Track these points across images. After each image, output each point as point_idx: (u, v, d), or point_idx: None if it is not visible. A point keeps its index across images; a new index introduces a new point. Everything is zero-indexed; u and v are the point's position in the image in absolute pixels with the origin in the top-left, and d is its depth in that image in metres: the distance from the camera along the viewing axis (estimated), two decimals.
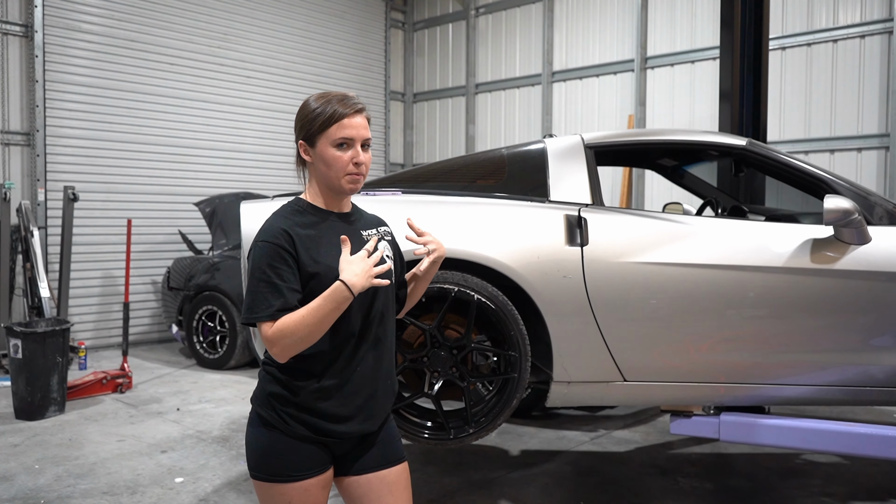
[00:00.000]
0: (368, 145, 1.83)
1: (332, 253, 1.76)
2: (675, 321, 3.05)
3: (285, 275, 1.72)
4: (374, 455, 1.90)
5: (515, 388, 3.02)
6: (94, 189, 7.65)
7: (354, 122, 1.79)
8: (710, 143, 3.57)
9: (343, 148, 1.79)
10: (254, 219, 3.24)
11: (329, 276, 1.72)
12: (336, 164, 1.78)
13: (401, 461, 1.94)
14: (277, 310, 1.68)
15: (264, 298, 1.70)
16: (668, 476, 3.97)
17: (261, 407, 1.83)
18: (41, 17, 7.21)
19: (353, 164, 1.78)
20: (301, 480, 1.79)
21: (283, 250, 1.73)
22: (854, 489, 3.78)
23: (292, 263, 1.74)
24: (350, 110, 1.80)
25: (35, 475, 3.92)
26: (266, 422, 1.81)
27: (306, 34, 9.73)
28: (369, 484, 1.88)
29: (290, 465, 1.79)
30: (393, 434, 1.96)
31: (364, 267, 1.67)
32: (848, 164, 7.26)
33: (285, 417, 1.79)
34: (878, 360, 3.06)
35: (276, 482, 1.79)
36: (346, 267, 1.67)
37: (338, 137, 1.78)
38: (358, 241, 1.83)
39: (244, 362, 6.70)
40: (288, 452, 1.79)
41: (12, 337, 5.01)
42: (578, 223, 3.08)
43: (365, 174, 1.83)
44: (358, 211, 1.97)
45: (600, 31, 9.14)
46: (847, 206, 2.88)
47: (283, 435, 1.79)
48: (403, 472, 1.94)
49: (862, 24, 7.16)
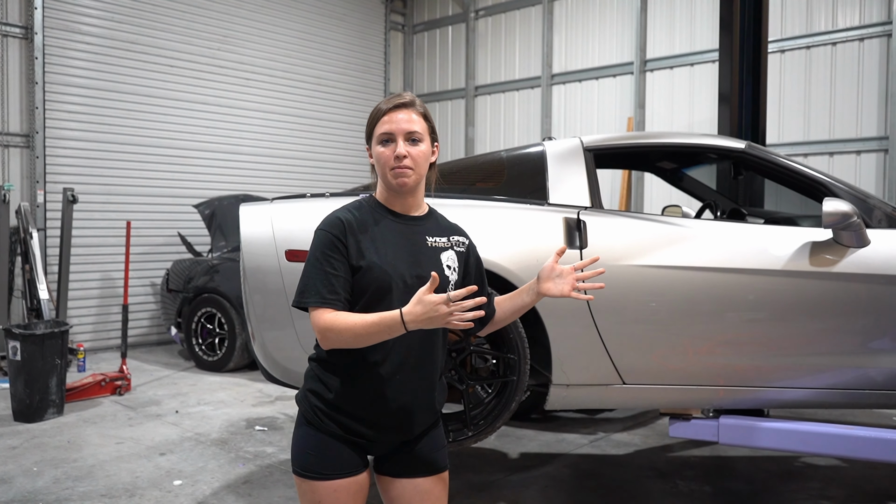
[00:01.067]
0: (416, 139, 1.81)
1: (381, 251, 1.78)
2: (674, 324, 3.05)
3: (336, 264, 1.77)
4: (413, 461, 1.90)
5: (514, 390, 3.02)
6: (94, 191, 7.65)
7: (394, 117, 1.81)
8: (709, 145, 3.57)
9: (386, 144, 1.81)
10: (253, 221, 3.24)
11: (372, 273, 1.75)
12: (381, 159, 1.82)
13: (438, 472, 1.93)
14: (326, 298, 1.74)
15: (314, 285, 1.76)
16: (667, 479, 3.97)
17: (300, 403, 1.90)
18: (41, 18, 7.21)
19: (395, 157, 1.79)
20: (330, 480, 1.81)
21: (336, 239, 1.78)
22: (853, 492, 3.78)
23: (344, 252, 1.78)
24: (389, 105, 1.83)
25: (33, 477, 3.92)
26: (305, 418, 1.87)
27: (306, 36, 9.74)
28: (403, 488, 1.89)
29: (320, 464, 1.82)
30: (436, 444, 1.94)
31: (428, 312, 1.61)
32: (847, 166, 7.27)
33: (319, 415, 1.83)
34: (876, 362, 3.06)
35: (308, 478, 1.83)
36: (416, 303, 1.63)
37: (380, 134, 1.82)
38: (420, 246, 1.83)
39: (243, 364, 6.70)
40: (320, 450, 1.83)
41: (11, 339, 5.01)
42: (577, 226, 3.08)
43: (413, 167, 1.80)
44: (433, 216, 1.95)
45: (599, 34, 9.15)
46: (846, 209, 2.88)
47: (318, 432, 1.83)
48: (438, 483, 1.92)
49: (861, 26, 7.17)
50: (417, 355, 1.83)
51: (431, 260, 1.83)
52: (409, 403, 1.84)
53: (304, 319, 3.07)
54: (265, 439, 4.61)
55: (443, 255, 1.87)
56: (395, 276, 1.77)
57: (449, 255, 1.88)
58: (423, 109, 1.86)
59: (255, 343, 3.29)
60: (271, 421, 5.05)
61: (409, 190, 1.83)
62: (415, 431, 1.88)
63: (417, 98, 1.87)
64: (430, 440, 1.93)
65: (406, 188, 1.82)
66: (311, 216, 3.27)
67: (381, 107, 1.84)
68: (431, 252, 1.85)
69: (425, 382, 1.87)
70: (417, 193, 1.88)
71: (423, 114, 1.85)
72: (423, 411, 1.87)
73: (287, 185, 9.29)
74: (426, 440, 1.92)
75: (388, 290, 1.76)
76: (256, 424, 4.96)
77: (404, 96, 1.85)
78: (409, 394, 1.83)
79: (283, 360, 3.22)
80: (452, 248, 1.90)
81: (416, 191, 1.86)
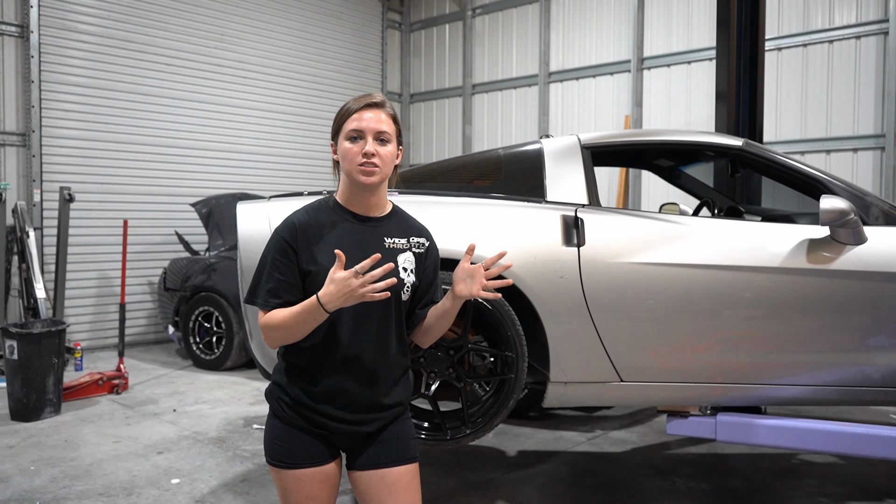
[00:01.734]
0: (385, 139, 1.84)
1: (332, 255, 1.76)
2: (671, 321, 3.05)
3: (283, 268, 1.81)
4: (378, 452, 1.91)
5: (512, 388, 3.01)
6: (90, 190, 7.63)
7: (365, 115, 1.83)
8: (707, 143, 3.57)
9: (354, 140, 1.83)
10: (250, 219, 3.24)
11: (322, 277, 1.75)
12: (348, 155, 1.83)
13: (406, 462, 1.93)
14: (269, 301, 1.81)
15: (261, 288, 1.83)
16: (664, 476, 3.97)
17: (268, 396, 1.96)
18: (37, 17, 7.19)
19: (363, 154, 1.80)
20: (294, 469, 1.87)
21: (287, 245, 1.82)
22: (850, 489, 3.79)
23: (293, 258, 1.81)
24: (360, 104, 1.85)
25: (31, 477, 3.91)
26: (272, 411, 1.93)
27: (303, 35, 9.73)
28: (370, 480, 1.90)
29: (285, 453, 1.88)
30: (403, 434, 1.95)
31: (341, 289, 1.66)
32: (844, 164, 7.28)
33: (284, 408, 1.88)
34: (874, 359, 3.07)
35: (275, 466, 1.90)
36: (328, 283, 1.69)
37: (349, 130, 1.84)
38: (377, 249, 1.83)
39: (241, 363, 6.69)
40: (286, 440, 1.88)
41: (8, 338, 5.00)
42: (575, 224, 3.08)
43: (380, 166, 1.82)
44: (396, 216, 1.95)
45: (597, 32, 9.15)
46: (843, 206, 2.88)
47: (284, 423, 1.88)
48: (407, 474, 1.92)
49: (858, 24, 7.18)
50: (372, 351, 1.86)
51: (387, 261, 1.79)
52: (366, 397, 1.86)
53: None
54: (263, 438, 4.60)
55: (400, 257, 1.88)
56: None
57: (406, 256, 1.90)
58: (393, 112, 1.90)
59: (253, 341, 3.29)
60: None
61: (372, 188, 1.85)
62: (375, 425, 1.90)
63: (387, 100, 1.90)
64: (397, 431, 1.94)
65: (371, 186, 1.84)
66: None
67: (351, 105, 1.86)
68: (388, 254, 1.86)
69: (383, 377, 1.89)
70: (380, 193, 1.89)
71: (393, 116, 1.88)
72: (379, 408, 1.89)
73: (284, 183, 9.28)
74: (392, 431, 1.93)
75: None
76: (254, 423, 4.95)
77: (375, 96, 1.88)
78: (366, 388, 1.86)
79: None
80: (411, 249, 1.91)
81: (378, 190, 1.88)
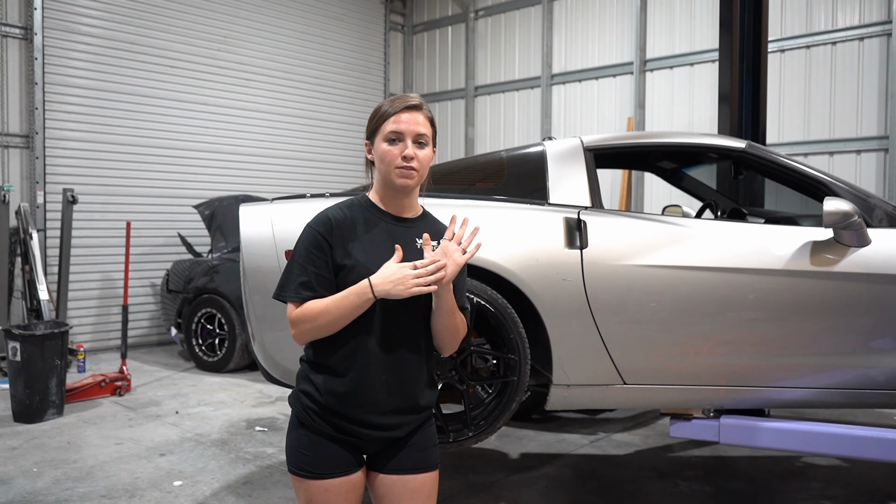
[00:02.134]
0: (423, 142, 1.83)
1: (368, 251, 1.80)
2: (674, 324, 3.04)
3: (318, 261, 1.80)
4: (404, 458, 1.89)
5: (515, 391, 3.01)
6: (93, 191, 7.65)
7: (403, 117, 1.82)
8: (710, 145, 3.57)
9: (393, 143, 1.82)
10: (253, 222, 3.24)
11: (356, 272, 1.77)
12: (386, 157, 1.82)
13: (429, 469, 1.92)
14: (302, 294, 1.77)
15: (293, 281, 1.80)
16: (667, 479, 3.96)
17: (293, 404, 1.91)
18: (40, 19, 7.21)
19: (402, 157, 1.80)
20: (321, 479, 1.83)
21: (322, 237, 1.81)
22: (854, 492, 3.77)
23: (327, 251, 1.80)
24: (401, 106, 1.84)
25: (33, 478, 3.91)
26: (297, 419, 1.88)
27: (305, 37, 9.73)
28: (392, 485, 1.89)
29: (312, 462, 1.84)
30: (428, 441, 1.94)
31: (396, 274, 1.70)
32: (847, 166, 7.26)
33: (312, 415, 1.84)
34: (877, 362, 3.06)
35: (300, 476, 1.84)
36: (382, 269, 1.72)
37: (388, 132, 1.82)
38: (408, 248, 1.83)
39: (243, 365, 6.69)
40: (312, 449, 1.84)
41: (11, 339, 5.01)
42: (578, 226, 3.07)
43: (418, 169, 1.82)
44: (426, 219, 1.95)
45: (599, 34, 9.15)
46: (847, 208, 2.87)
47: (310, 432, 1.85)
48: (429, 481, 1.92)
49: (861, 26, 7.17)
50: (403, 353, 1.84)
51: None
52: (396, 402, 1.85)
53: None
54: (265, 440, 4.60)
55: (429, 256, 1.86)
56: None
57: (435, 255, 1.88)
58: (430, 114, 1.89)
59: (255, 344, 3.29)
60: (271, 422, 5.04)
61: (408, 191, 1.85)
62: (405, 429, 1.89)
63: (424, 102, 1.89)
64: (422, 438, 1.93)
65: (408, 189, 1.84)
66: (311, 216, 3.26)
67: (390, 106, 1.84)
68: (419, 254, 1.85)
69: (414, 379, 1.87)
70: (413, 195, 1.90)
71: (430, 118, 1.88)
72: (411, 410, 1.88)
73: (287, 185, 9.29)
74: (417, 437, 1.92)
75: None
76: (256, 425, 4.95)
77: (413, 98, 1.86)
78: (396, 393, 1.84)
79: (283, 361, 3.21)
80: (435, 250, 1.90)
81: (412, 192, 1.88)
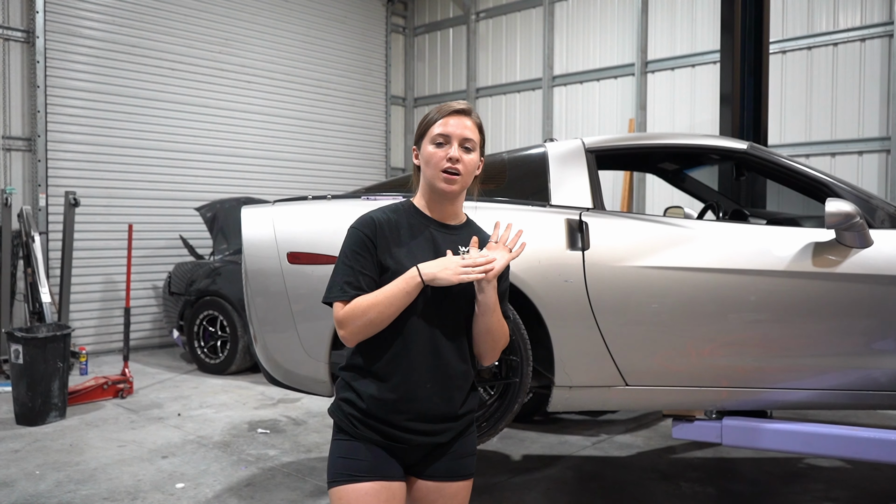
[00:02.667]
0: (470, 147, 1.83)
1: (411, 254, 1.80)
2: (676, 325, 3.04)
3: (363, 261, 1.80)
4: (442, 465, 1.89)
5: (517, 392, 3.01)
6: (95, 194, 7.66)
7: (451, 121, 1.83)
8: (711, 146, 3.57)
9: (440, 146, 1.82)
10: (254, 224, 3.24)
11: (398, 275, 1.77)
12: (432, 159, 1.82)
13: (466, 478, 1.93)
14: (348, 292, 1.77)
15: (339, 281, 1.80)
16: (670, 481, 3.96)
17: (333, 413, 1.90)
18: (42, 22, 7.23)
19: (448, 160, 1.80)
20: (359, 483, 1.79)
21: (366, 238, 1.81)
22: (856, 493, 3.77)
23: (372, 251, 1.81)
24: (448, 110, 1.85)
25: (36, 481, 3.92)
26: (339, 428, 1.87)
27: (307, 39, 9.74)
28: (427, 490, 1.88)
29: (350, 466, 1.81)
30: (467, 450, 1.93)
31: (444, 261, 1.72)
32: (849, 167, 7.26)
33: (355, 422, 1.83)
34: (880, 363, 3.05)
35: (340, 484, 1.81)
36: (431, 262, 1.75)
37: (435, 135, 1.83)
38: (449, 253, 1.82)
39: (245, 367, 6.70)
40: (352, 453, 1.82)
41: (13, 342, 5.01)
42: (580, 227, 3.07)
43: (462, 174, 1.81)
44: (469, 226, 1.94)
45: (601, 36, 9.15)
46: (849, 209, 2.87)
47: (352, 438, 1.83)
48: (463, 489, 1.93)
49: (862, 27, 7.16)
50: (447, 357, 1.83)
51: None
52: (440, 408, 1.83)
53: (307, 322, 3.09)
54: (267, 442, 4.60)
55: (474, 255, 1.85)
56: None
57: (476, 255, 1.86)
58: (479, 120, 1.89)
59: (257, 345, 3.29)
60: (274, 424, 5.04)
61: (451, 196, 1.84)
62: (449, 435, 1.88)
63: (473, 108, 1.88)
64: (462, 445, 1.92)
65: (451, 194, 1.83)
66: (312, 219, 3.27)
67: (438, 112, 1.86)
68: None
69: (457, 384, 1.86)
70: (457, 202, 1.89)
71: (479, 125, 1.88)
72: (453, 416, 1.87)
73: (289, 187, 9.29)
74: (458, 445, 1.91)
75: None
76: (259, 427, 4.95)
77: (462, 104, 1.87)
78: (442, 395, 1.83)
79: (285, 363, 3.22)
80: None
81: (456, 199, 1.88)
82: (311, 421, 5.10)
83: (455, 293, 1.81)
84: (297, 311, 3.11)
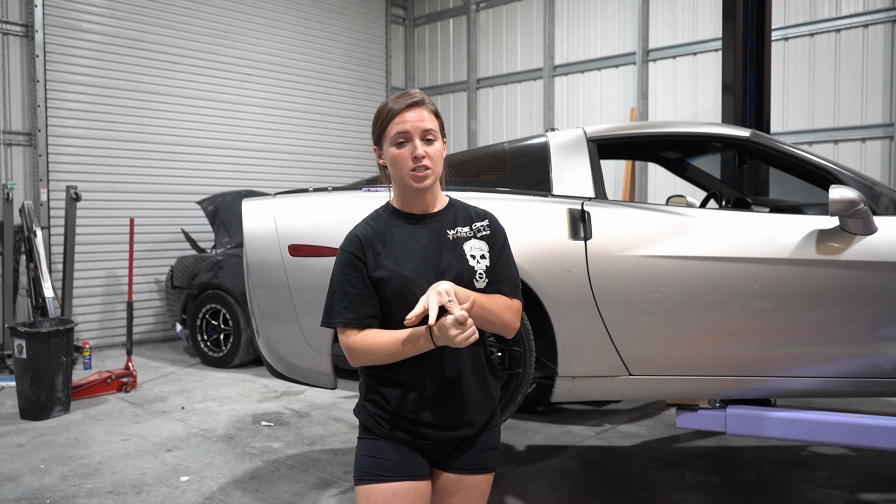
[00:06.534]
0: (432, 138, 1.78)
1: (401, 259, 1.77)
2: (679, 314, 3.03)
3: (355, 281, 1.78)
4: (466, 458, 1.88)
5: (520, 383, 3.01)
6: (97, 188, 7.65)
7: (407, 116, 1.76)
8: (714, 134, 3.55)
9: (401, 145, 1.77)
10: (255, 217, 3.23)
11: (393, 282, 1.75)
12: (398, 162, 1.77)
13: (488, 472, 1.92)
14: (347, 317, 1.77)
15: (337, 306, 1.79)
16: (674, 470, 3.96)
17: (359, 414, 1.89)
18: (41, 16, 7.20)
19: (413, 159, 1.75)
20: (388, 482, 1.79)
21: (354, 257, 1.80)
22: (861, 481, 3.77)
23: (363, 269, 1.79)
24: (401, 105, 1.77)
25: (40, 475, 3.93)
26: (365, 428, 1.87)
27: (307, 31, 9.71)
28: (448, 481, 1.88)
29: (378, 465, 1.80)
30: (491, 443, 1.92)
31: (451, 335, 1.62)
32: (852, 154, 7.23)
33: (381, 422, 1.82)
34: (884, 350, 3.04)
35: (367, 483, 1.81)
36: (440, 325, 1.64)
37: (394, 135, 1.77)
38: (442, 242, 1.81)
39: (248, 360, 6.71)
40: (380, 452, 1.82)
41: (16, 337, 5.02)
42: (582, 217, 3.06)
43: (431, 166, 1.76)
44: (451, 208, 1.89)
45: (602, 25, 9.11)
46: (852, 196, 2.85)
47: (379, 438, 1.83)
48: (484, 482, 1.92)
49: (865, 13, 7.12)
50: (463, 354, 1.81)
51: (454, 254, 1.80)
52: (464, 396, 1.82)
53: (309, 315, 3.09)
54: (271, 434, 4.61)
55: (466, 245, 1.83)
56: (419, 281, 1.75)
57: (472, 243, 1.84)
58: (434, 107, 1.83)
59: (260, 339, 3.29)
60: (277, 416, 5.05)
61: (427, 190, 1.81)
62: (477, 423, 1.87)
63: (426, 95, 1.83)
64: (486, 439, 1.91)
65: (426, 189, 1.80)
66: (313, 211, 3.26)
67: (392, 106, 1.78)
68: (453, 245, 1.82)
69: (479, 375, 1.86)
70: (434, 190, 1.86)
71: (434, 111, 1.82)
72: (480, 399, 1.86)
73: (289, 179, 9.28)
74: (483, 438, 1.90)
75: (414, 296, 1.72)
76: (262, 420, 4.96)
77: (414, 94, 1.80)
78: (458, 388, 1.82)
79: (288, 356, 3.21)
80: (475, 235, 1.86)
81: (433, 189, 1.84)
82: (314, 413, 5.11)
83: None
84: (299, 304, 3.11)
